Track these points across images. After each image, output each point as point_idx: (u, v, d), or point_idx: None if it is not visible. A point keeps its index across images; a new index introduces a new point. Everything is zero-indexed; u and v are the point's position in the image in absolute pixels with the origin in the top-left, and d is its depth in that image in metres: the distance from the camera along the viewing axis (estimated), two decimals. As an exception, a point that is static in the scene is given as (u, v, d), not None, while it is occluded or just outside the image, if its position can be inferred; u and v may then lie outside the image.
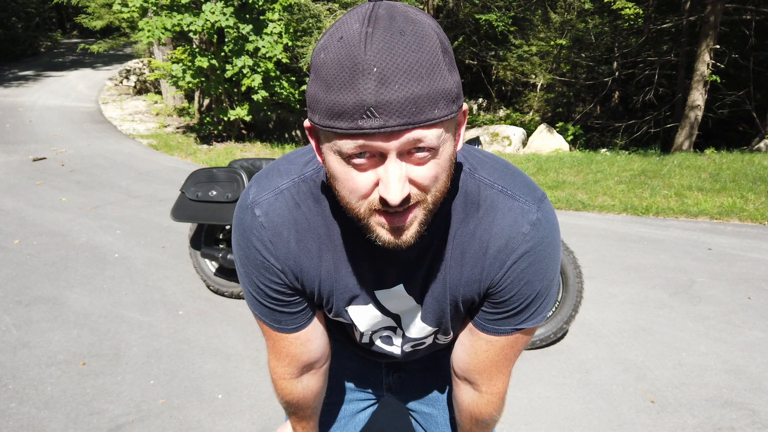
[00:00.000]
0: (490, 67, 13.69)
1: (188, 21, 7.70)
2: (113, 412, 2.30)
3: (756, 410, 2.32)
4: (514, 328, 0.85)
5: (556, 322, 2.69)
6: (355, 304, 0.87)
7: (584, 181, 6.34)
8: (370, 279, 0.84)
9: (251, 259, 0.82)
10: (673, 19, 10.82)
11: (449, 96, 0.61)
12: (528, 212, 0.77)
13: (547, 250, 0.79)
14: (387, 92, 0.57)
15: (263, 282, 0.84)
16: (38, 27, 21.14)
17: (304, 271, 0.83)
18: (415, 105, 0.58)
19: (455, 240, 0.80)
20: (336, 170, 0.66)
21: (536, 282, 0.80)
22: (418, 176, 0.64)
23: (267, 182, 0.81)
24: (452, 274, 0.82)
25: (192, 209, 3.00)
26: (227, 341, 2.86)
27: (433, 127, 0.61)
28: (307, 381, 0.99)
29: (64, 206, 5.06)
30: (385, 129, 0.58)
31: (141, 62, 14.49)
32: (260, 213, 0.79)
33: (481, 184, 0.79)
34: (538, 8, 12.73)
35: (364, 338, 0.98)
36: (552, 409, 2.36)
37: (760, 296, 3.33)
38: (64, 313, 3.10)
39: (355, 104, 0.58)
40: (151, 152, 7.92)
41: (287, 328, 0.90)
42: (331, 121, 0.61)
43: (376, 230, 0.68)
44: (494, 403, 0.95)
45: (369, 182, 0.64)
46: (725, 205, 5.16)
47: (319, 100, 0.62)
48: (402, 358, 1.04)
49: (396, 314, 0.91)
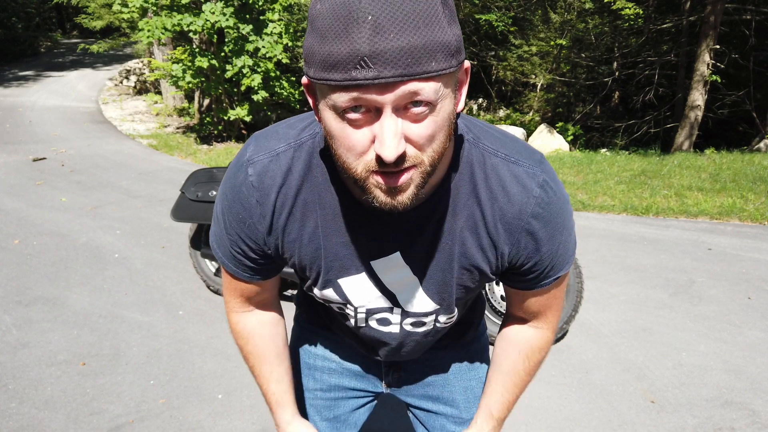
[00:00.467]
0: (490, 67, 13.68)
1: (188, 21, 7.70)
2: (113, 412, 2.30)
3: (756, 410, 2.32)
4: (554, 278, 0.88)
5: (556, 322, 2.68)
6: (348, 275, 0.87)
7: (584, 181, 6.34)
8: (365, 248, 0.84)
9: (234, 213, 0.84)
10: (673, 19, 10.82)
11: (448, 49, 0.60)
12: (534, 175, 0.78)
13: (559, 204, 0.81)
14: (381, 41, 0.56)
15: (238, 234, 0.86)
16: (38, 27, 21.14)
17: (285, 236, 0.84)
18: (411, 56, 0.57)
19: (465, 211, 0.80)
20: (332, 127, 0.64)
21: (558, 235, 0.82)
22: (414, 133, 0.62)
23: (265, 143, 0.82)
24: (466, 246, 0.82)
25: (192, 209, 3.00)
26: (227, 341, 2.86)
27: (431, 80, 0.59)
28: (260, 315, 1.02)
29: (64, 206, 5.06)
30: (379, 80, 0.57)
31: (141, 62, 14.49)
32: (252, 173, 0.80)
33: (486, 153, 0.79)
34: (538, 8, 12.73)
35: (359, 319, 0.96)
36: (552, 409, 2.36)
37: (760, 296, 3.33)
38: (64, 313, 3.10)
39: (349, 54, 0.57)
40: (151, 152, 7.92)
41: (244, 275, 0.93)
42: (325, 73, 0.59)
43: (373, 191, 0.67)
44: (551, 331, 0.99)
45: (365, 139, 0.63)
46: (725, 205, 5.16)
47: (314, 52, 0.60)
48: (400, 342, 1.00)
49: (392, 293, 0.90)
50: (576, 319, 3.02)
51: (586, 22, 12.35)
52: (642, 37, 11.60)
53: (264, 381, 1.03)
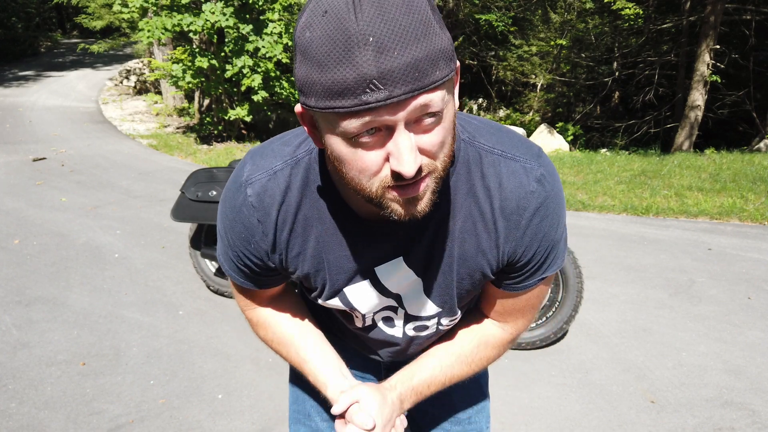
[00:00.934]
0: (490, 67, 13.68)
1: (188, 21, 7.70)
2: (113, 412, 2.30)
3: (756, 410, 2.32)
4: (539, 279, 0.87)
5: (556, 322, 2.69)
6: (352, 284, 0.87)
7: (584, 181, 6.34)
8: (367, 256, 0.84)
9: (236, 232, 0.84)
10: (673, 19, 10.82)
11: (446, 54, 0.60)
12: (531, 170, 0.78)
13: (556, 201, 0.80)
14: (387, 61, 0.55)
15: (242, 251, 0.86)
16: (38, 27, 21.14)
17: (288, 252, 0.85)
18: (417, 69, 0.56)
19: (463, 211, 0.80)
20: (342, 153, 0.63)
21: (552, 232, 0.82)
22: (426, 144, 0.62)
23: (261, 162, 0.82)
24: (465, 247, 0.82)
25: (192, 209, 3.00)
26: (227, 341, 2.86)
27: (437, 90, 0.59)
28: (274, 303, 1.01)
29: (64, 206, 5.06)
30: (391, 100, 0.56)
31: (141, 62, 14.49)
32: (251, 193, 0.80)
33: (482, 151, 0.79)
34: (538, 8, 12.73)
35: (367, 320, 0.96)
36: (552, 409, 2.36)
37: (760, 296, 3.33)
38: (64, 313, 3.10)
39: (356, 79, 0.55)
40: (151, 152, 7.92)
41: (252, 286, 0.94)
42: (331, 102, 0.58)
43: (390, 206, 0.67)
44: (513, 336, 0.97)
45: (378, 159, 0.62)
46: (725, 205, 5.16)
47: (313, 82, 0.59)
48: (403, 345, 1.01)
49: (396, 294, 0.90)
50: (576, 319, 3.02)
51: (586, 22, 12.35)
52: (642, 37, 11.61)
53: (298, 364, 1.00)
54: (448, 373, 0.95)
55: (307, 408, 1.18)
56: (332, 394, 0.94)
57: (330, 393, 0.94)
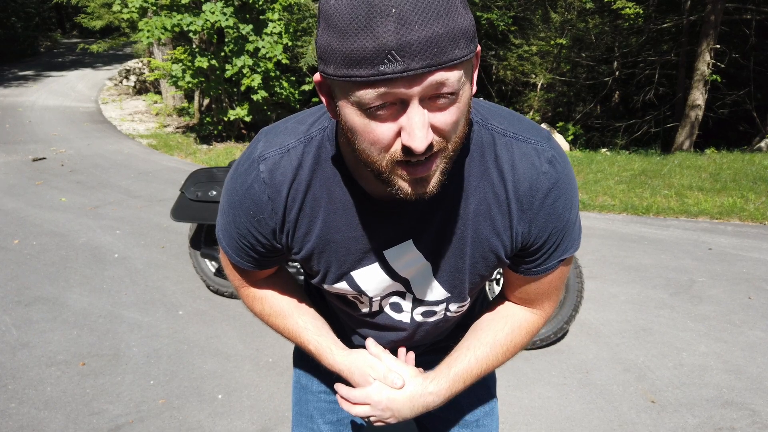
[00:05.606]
0: (491, 67, 13.67)
1: (188, 21, 7.70)
2: (113, 412, 2.30)
3: (756, 410, 2.32)
4: (558, 261, 0.87)
5: (556, 322, 2.68)
6: (361, 267, 0.87)
7: (584, 181, 6.34)
8: (376, 239, 0.84)
9: (244, 208, 0.83)
10: (673, 18, 10.81)
11: (468, 34, 0.60)
12: (542, 151, 0.79)
13: (567, 181, 0.81)
14: (408, 33, 0.55)
15: (247, 228, 0.85)
16: (38, 27, 21.13)
17: (296, 232, 0.84)
18: (437, 45, 0.56)
19: (477, 194, 0.80)
20: (355, 123, 0.64)
21: (566, 213, 0.82)
22: (439, 122, 0.62)
23: (275, 138, 0.82)
24: (480, 229, 0.82)
25: (192, 209, 3.00)
26: (227, 341, 2.86)
27: (455, 69, 0.59)
28: (269, 281, 1.00)
29: (64, 206, 5.06)
30: (408, 72, 0.57)
31: (141, 62, 14.48)
32: (264, 169, 0.80)
33: (495, 133, 0.79)
34: (538, 8, 12.72)
35: (374, 305, 0.95)
36: (552, 409, 2.35)
37: (760, 296, 3.33)
38: (64, 313, 3.10)
39: (375, 48, 0.56)
40: (150, 152, 7.92)
41: (248, 266, 0.93)
42: (349, 70, 0.58)
43: (398, 183, 0.67)
44: (544, 320, 0.97)
45: (390, 132, 0.62)
46: (726, 205, 5.15)
47: (333, 49, 0.59)
48: (410, 331, 0.99)
49: (405, 278, 0.89)
50: (576, 319, 3.02)
51: (586, 21, 12.34)
52: (642, 36, 11.59)
53: (296, 336, 0.98)
54: (485, 365, 0.94)
55: (310, 410, 1.18)
56: (331, 364, 0.95)
57: (337, 355, 0.95)
